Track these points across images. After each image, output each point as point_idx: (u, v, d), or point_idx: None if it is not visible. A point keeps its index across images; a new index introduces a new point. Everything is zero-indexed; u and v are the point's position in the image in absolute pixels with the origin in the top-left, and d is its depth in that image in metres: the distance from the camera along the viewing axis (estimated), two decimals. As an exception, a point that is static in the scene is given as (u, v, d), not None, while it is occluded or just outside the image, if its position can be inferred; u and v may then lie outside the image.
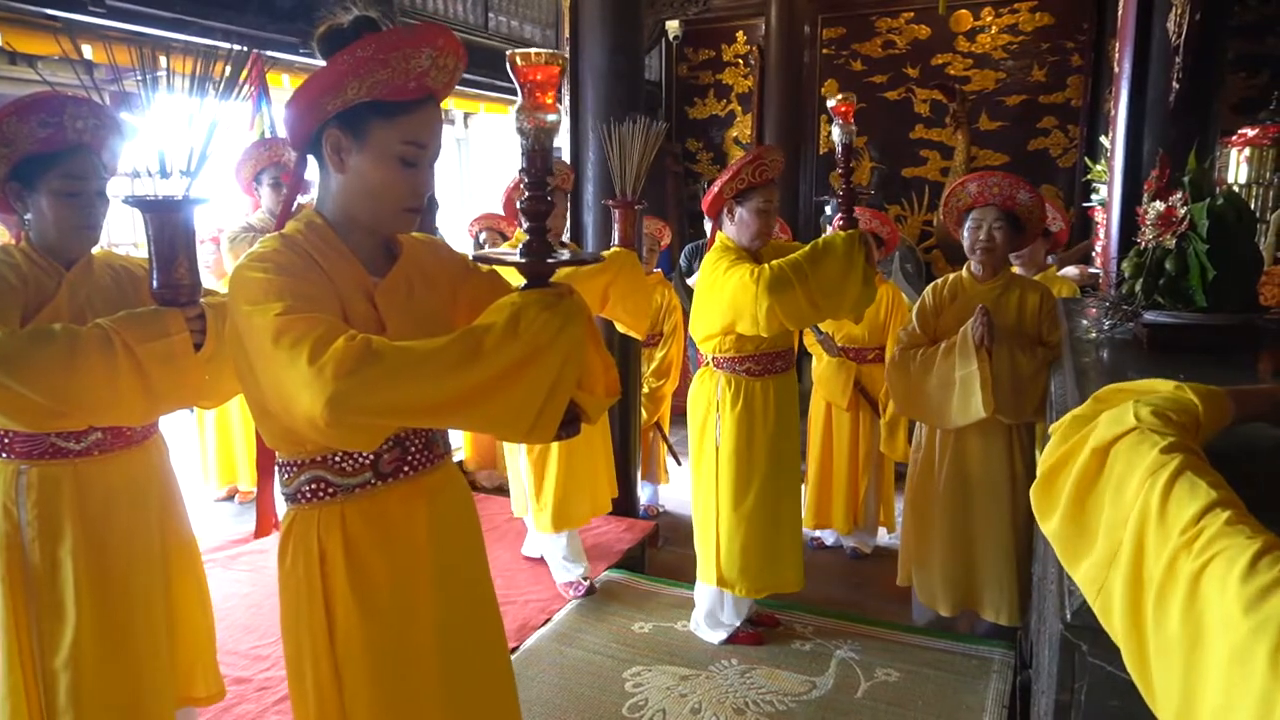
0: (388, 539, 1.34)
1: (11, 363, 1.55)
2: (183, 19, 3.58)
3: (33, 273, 1.74)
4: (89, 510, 1.77)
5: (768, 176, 2.62)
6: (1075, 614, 1.06)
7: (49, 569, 1.75)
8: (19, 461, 1.74)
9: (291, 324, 1.12)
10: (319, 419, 1.09)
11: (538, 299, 1.19)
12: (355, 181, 1.27)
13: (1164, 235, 1.72)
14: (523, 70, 1.19)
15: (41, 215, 1.74)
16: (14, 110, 1.67)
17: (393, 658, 1.34)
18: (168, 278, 1.73)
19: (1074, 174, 5.94)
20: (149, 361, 1.65)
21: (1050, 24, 6.07)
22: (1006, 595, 2.77)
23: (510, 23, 5.45)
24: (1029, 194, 2.70)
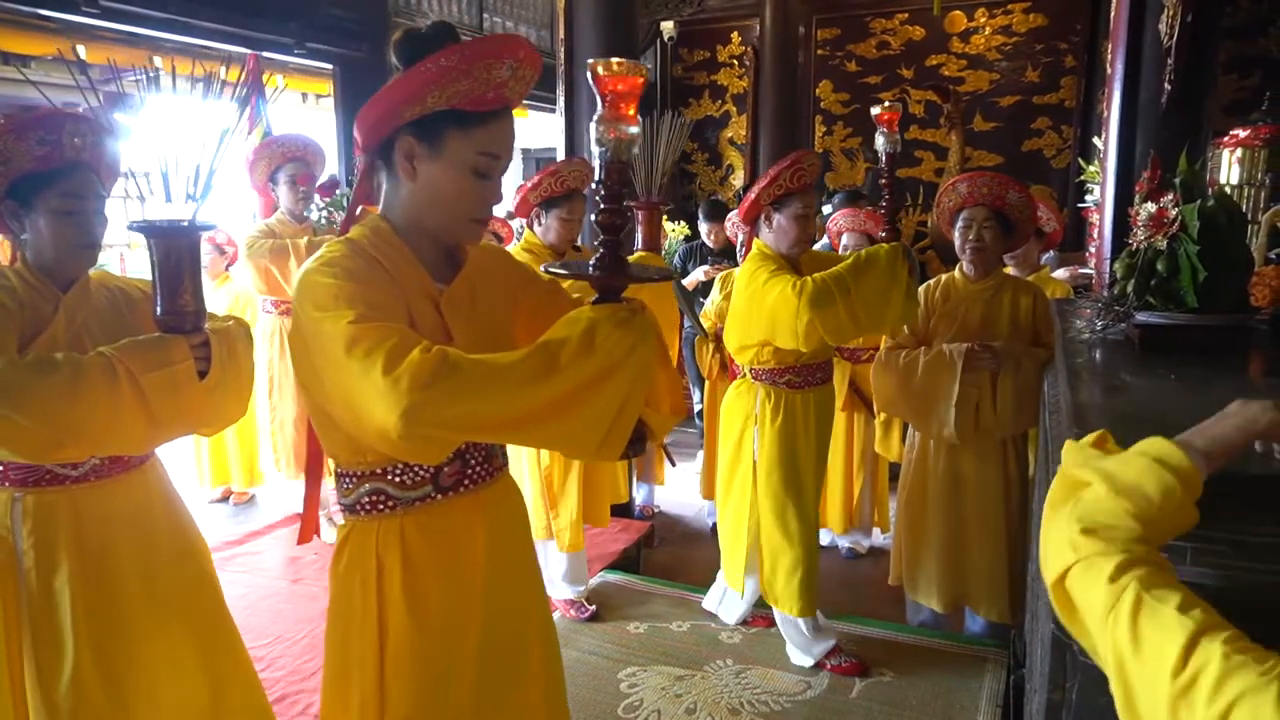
0: (446, 554, 1.33)
1: (12, 393, 1.51)
2: (176, 19, 3.58)
3: (29, 296, 1.69)
4: (86, 537, 1.72)
5: (806, 181, 2.55)
6: (1067, 613, 1.07)
7: (46, 598, 1.70)
8: (14, 489, 1.69)
9: (365, 332, 1.09)
10: (393, 431, 1.07)
11: (611, 315, 1.17)
12: (426, 190, 1.25)
13: (1155, 236, 1.73)
14: (604, 80, 1.16)
15: (39, 234, 1.69)
16: (11, 128, 1.62)
17: (436, 676, 1.32)
18: (172, 304, 1.68)
19: (1068, 175, 5.97)
20: (152, 390, 1.61)
21: (1044, 25, 6.09)
22: (999, 593, 2.78)
23: (505, 24, 5.46)
24: (1019, 193, 2.71)
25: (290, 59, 4.35)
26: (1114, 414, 1.36)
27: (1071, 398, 1.44)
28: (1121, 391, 1.53)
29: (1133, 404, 1.44)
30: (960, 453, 2.79)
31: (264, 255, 3.48)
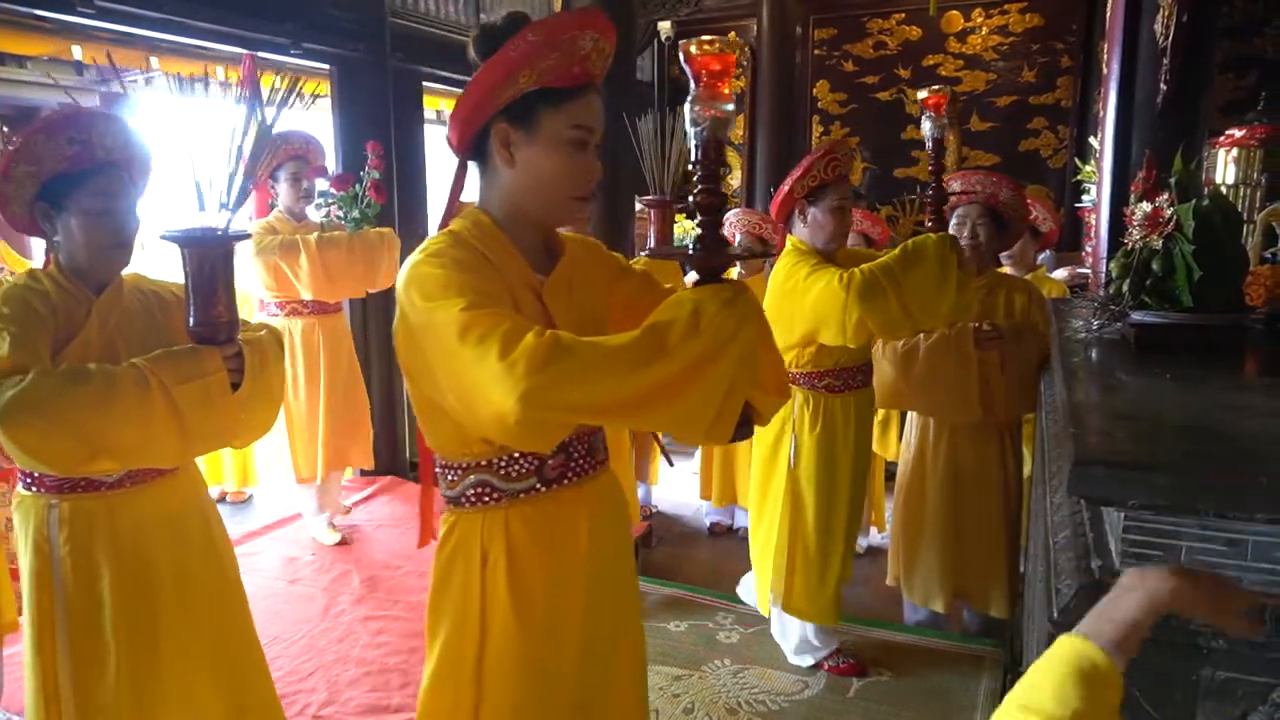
0: (549, 547, 1.33)
1: (44, 406, 1.50)
2: (172, 19, 3.56)
3: (62, 301, 1.67)
4: (122, 543, 1.71)
5: (841, 172, 2.47)
6: (1063, 611, 1.07)
7: (86, 606, 1.69)
8: (49, 495, 1.69)
9: (478, 319, 1.10)
10: (510, 416, 1.07)
11: (715, 295, 1.16)
12: (526, 173, 1.27)
13: (1150, 236, 1.73)
14: (699, 59, 1.16)
15: (71, 236, 1.68)
16: (42, 128, 1.61)
17: (539, 672, 1.32)
18: (205, 315, 1.66)
19: (1064, 174, 5.97)
20: (185, 403, 1.59)
21: (1040, 25, 6.10)
22: (999, 588, 2.78)
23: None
24: (1011, 191, 2.72)
25: (287, 59, 4.33)
26: (1110, 413, 1.36)
27: (1068, 397, 1.44)
28: (1117, 391, 1.54)
29: (1128, 403, 1.44)
30: (960, 449, 2.79)
31: (273, 252, 3.42)
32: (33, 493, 1.71)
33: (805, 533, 2.63)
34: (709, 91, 1.16)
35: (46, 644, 1.69)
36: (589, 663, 1.37)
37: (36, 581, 1.69)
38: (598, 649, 1.39)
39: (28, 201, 1.68)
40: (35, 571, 1.69)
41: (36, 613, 1.69)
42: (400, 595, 3.35)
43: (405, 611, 3.21)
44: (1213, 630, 0.99)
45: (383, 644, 2.96)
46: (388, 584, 3.44)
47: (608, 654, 1.42)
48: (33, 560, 1.69)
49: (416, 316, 1.17)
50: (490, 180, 1.31)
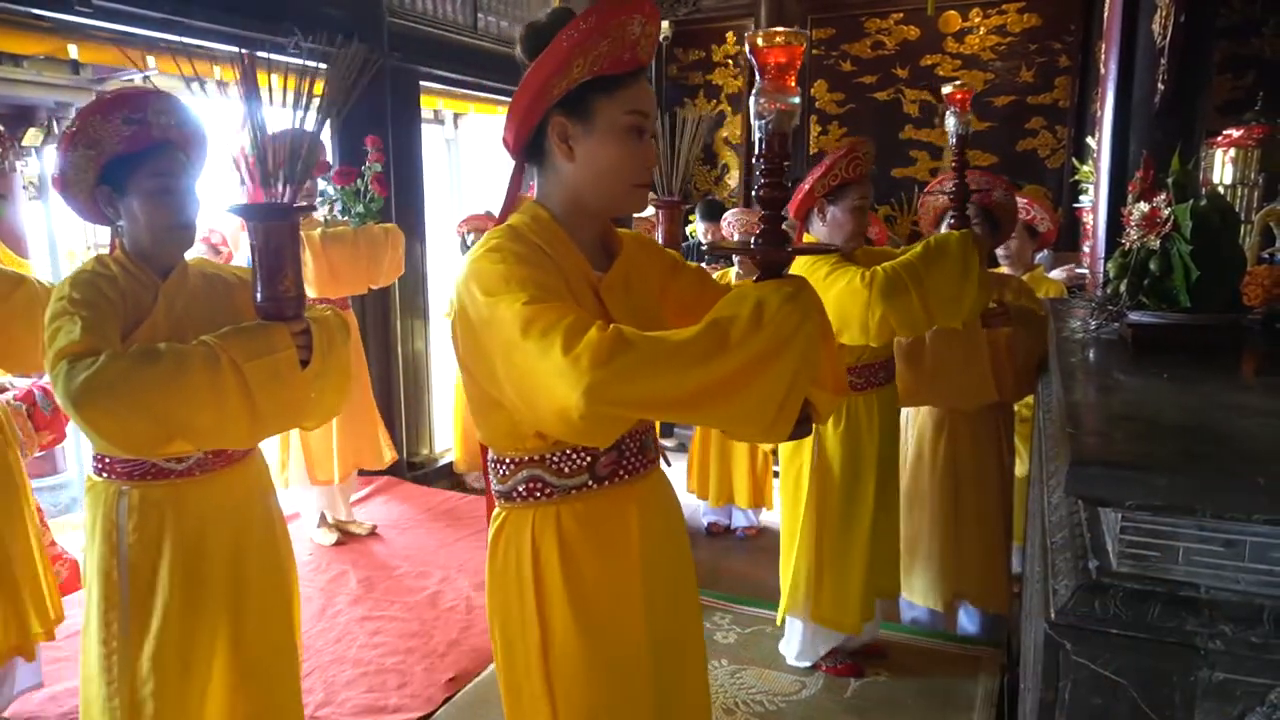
0: (601, 543, 1.32)
1: (117, 386, 1.49)
2: (170, 19, 3.56)
3: (129, 285, 1.67)
4: (185, 531, 1.72)
5: (862, 171, 2.45)
6: (1060, 612, 1.07)
7: (151, 595, 1.70)
8: (120, 481, 1.69)
9: (540, 313, 1.09)
10: (573, 410, 1.06)
11: (777, 290, 1.15)
12: (586, 166, 1.26)
13: (1148, 236, 1.73)
14: (765, 52, 1.15)
15: (134, 218, 1.68)
16: (97, 109, 1.61)
17: (609, 675, 1.31)
18: (273, 290, 1.64)
19: (1062, 174, 5.97)
20: (255, 379, 1.58)
21: (1038, 25, 6.10)
22: (997, 585, 2.78)
23: (500, 23, 5.44)
24: (1004, 191, 2.73)
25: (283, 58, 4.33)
26: (1108, 413, 1.36)
27: (1065, 397, 1.44)
28: (1115, 391, 1.53)
29: (1126, 403, 1.44)
30: (958, 448, 2.79)
31: None
32: (103, 478, 1.72)
33: (830, 537, 2.56)
34: (775, 84, 1.15)
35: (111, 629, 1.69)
36: (662, 663, 1.36)
37: (102, 566, 1.69)
38: (668, 650, 1.38)
39: (89, 186, 1.68)
40: (101, 556, 1.69)
41: (102, 599, 1.69)
42: (398, 596, 3.34)
43: (402, 612, 3.21)
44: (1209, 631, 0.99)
45: (380, 645, 2.95)
46: (385, 584, 3.44)
47: (678, 655, 1.42)
48: (101, 546, 1.69)
49: (477, 311, 1.17)
50: (549, 176, 1.30)
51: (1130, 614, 1.02)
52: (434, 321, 5.00)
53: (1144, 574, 1.05)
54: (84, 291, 1.60)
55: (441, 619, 3.16)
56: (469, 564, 3.63)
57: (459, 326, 1.24)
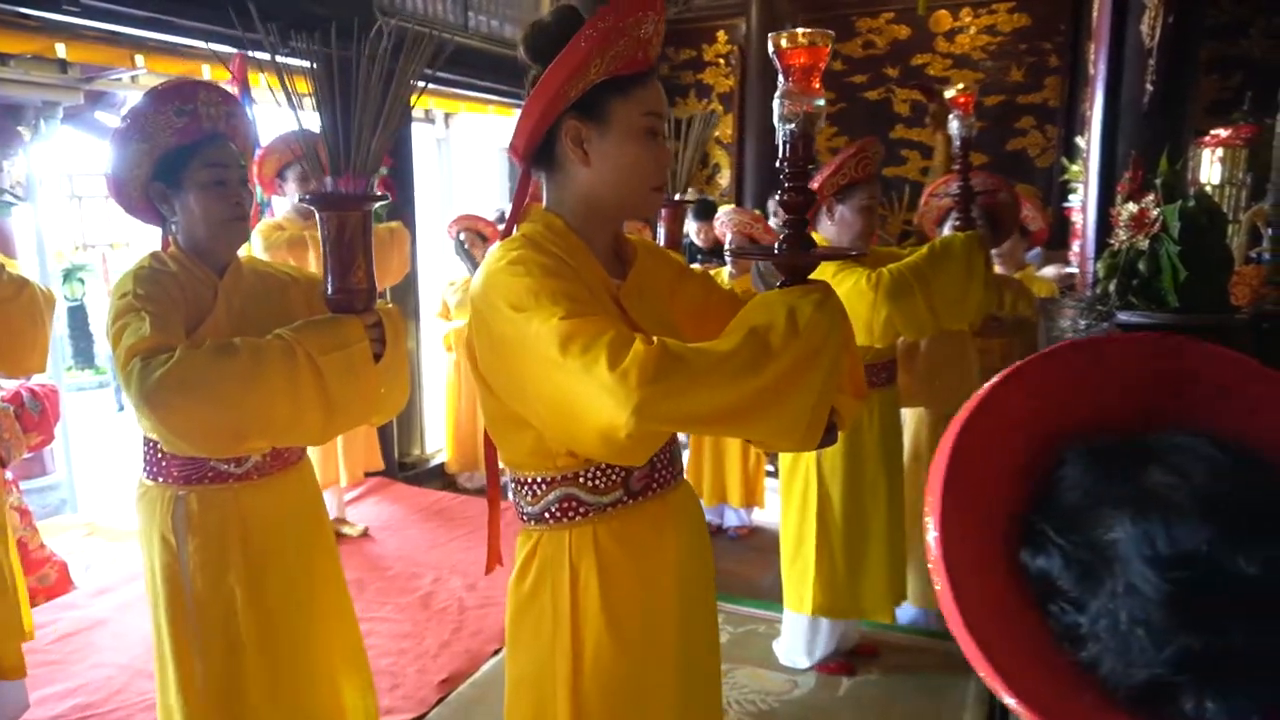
0: (640, 560, 1.28)
1: (194, 382, 1.45)
2: (158, 18, 3.54)
3: (189, 281, 1.64)
4: (253, 536, 1.68)
5: (871, 170, 2.44)
6: (1049, 613, 1.07)
7: (217, 600, 1.66)
8: (176, 487, 1.65)
9: (579, 328, 1.04)
10: (621, 429, 1.01)
11: (805, 295, 1.12)
12: (602, 169, 1.21)
13: (1137, 236, 1.74)
14: (789, 53, 1.13)
15: (189, 213, 1.64)
16: (148, 102, 1.59)
17: (634, 695, 1.28)
18: (344, 282, 1.60)
19: (1051, 174, 6.00)
20: (330, 373, 1.54)
21: (1028, 25, 6.12)
22: None
23: (490, 22, 5.43)
24: (1007, 193, 2.74)
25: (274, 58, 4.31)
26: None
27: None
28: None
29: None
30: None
31: (281, 247, 3.41)
32: (158, 483, 1.68)
33: (833, 535, 2.56)
34: (800, 86, 1.13)
35: (181, 638, 1.66)
36: (690, 681, 1.33)
37: (165, 575, 1.65)
38: (695, 666, 1.35)
39: (144, 183, 1.65)
40: (164, 564, 1.65)
41: (170, 608, 1.66)
42: (389, 597, 3.34)
43: (394, 613, 3.20)
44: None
45: (372, 646, 2.93)
46: (376, 585, 3.43)
47: (704, 670, 1.39)
48: (160, 554, 1.65)
49: (505, 327, 1.12)
50: (560, 182, 1.26)
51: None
52: (425, 321, 4.99)
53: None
54: (148, 287, 1.56)
55: (434, 620, 3.15)
56: (461, 564, 3.62)
57: (479, 342, 1.20)
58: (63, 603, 3.26)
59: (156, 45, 4.07)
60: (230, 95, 1.71)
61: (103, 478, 5.13)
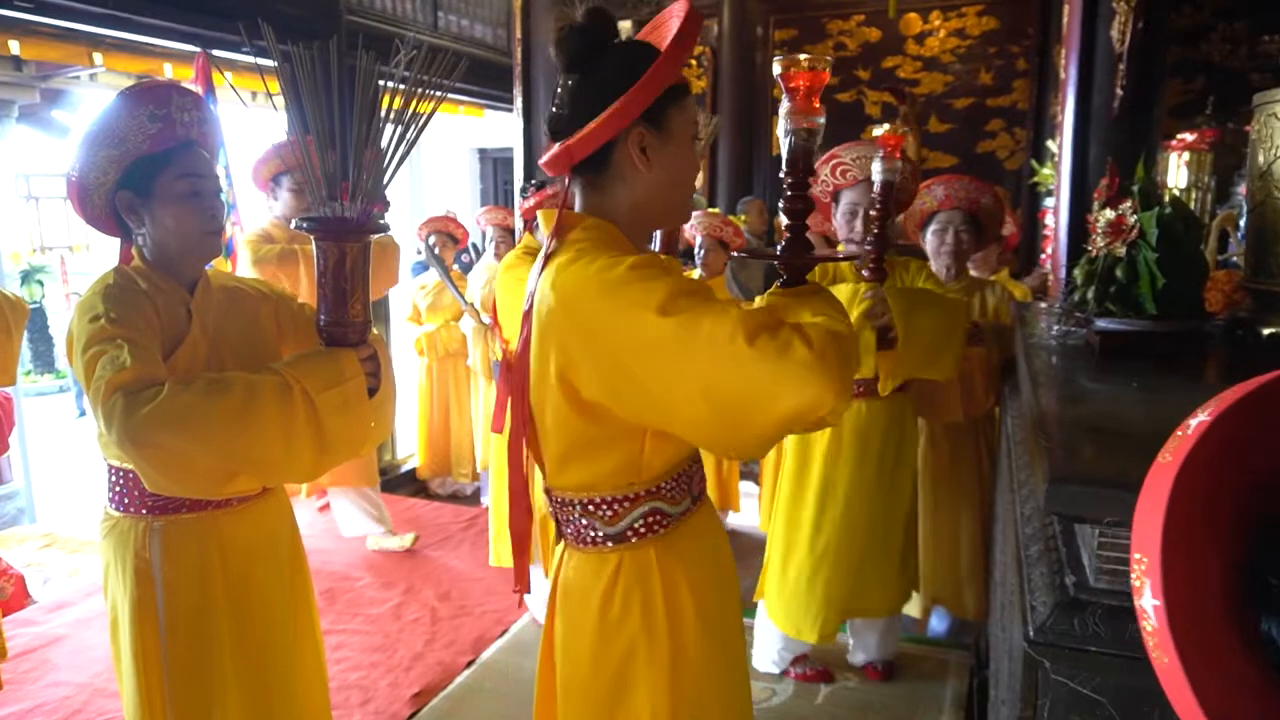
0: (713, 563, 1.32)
1: (186, 421, 1.35)
2: (116, 14, 3.44)
3: (162, 301, 1.53)
4: (231, 566, 1.61)
5: (855, 179, 2.42)
6: (1038, 630, 1.06)
7: (193, 632, 1.58)
8: (151, 517, 1.56)
9: (756, 318, 1.05)
10: (825, 406, 1.03)
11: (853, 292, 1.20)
12: (664, 175, 1.21)
13: (1114, 243, 1.74)
14: (792, 76, 1.20)
15: (160, 225, 1.54)
16: (121, 105, 1.48)
17: (730, 692, 1.33)
18: (340, 315, 1.51)
19: (1020, 176, 6.05)
20: (326, 411, 1.46)
21: (996, 28, 6.17)
22: (973, 590, 2.79)
23: (460, 22, 5.37)
24: (992, 198, 2.73)
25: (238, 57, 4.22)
26: (1080, 425, 1.36)
27: (1036, 406, 1.44)
28: (1085, 400, 1.54)
29: (1098, 414, 1.44)
30: (938, 455, 2.80)
31: (271, 261, 3.27)
32: (130, 514, 1.58)
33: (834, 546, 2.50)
34: (802, 106, 1.22)
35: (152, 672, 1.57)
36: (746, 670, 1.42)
37: (137, 609, 1.56)
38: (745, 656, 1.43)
39: (109, 191, 1.54)
40: (136, 599, 1.56)
41: (138, 642, 1.57)
42: (360, 608, 3.27)
43: (365, 625, 3.14)
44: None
45: (342, 659, 2.88)
46: (347, 597, 3.36)
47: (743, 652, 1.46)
48: (133, 587, 1.56)
49: (654, 332, 1.06)
50: (611, 189, 1.22)
51: (1109, 631, 1.01)
52: (395, 325, 4.92)
53: (1123, 590, 1.04)
54: (120, 310, 1.45)
55: (406, 631, 3.09)
56: (433, 574, 3.56)
57: (586, 362, 1.13)
58: (19, 618, 3.16)
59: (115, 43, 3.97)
60: (202, 100, 1.62)
61: (62, 486, 4.99)
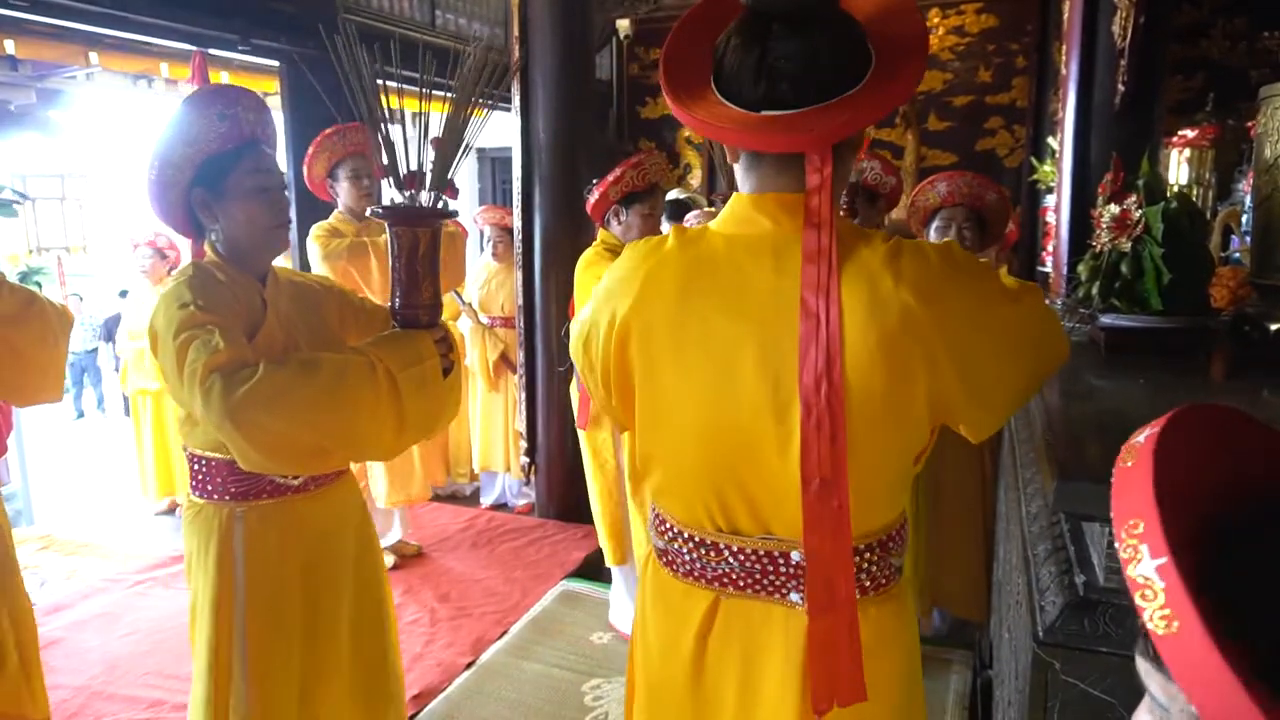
0: None
1: (280, 399, 1.42)
2: (112, 13, 3.42)
3: (239, 292, 1.60)
4: (308, 549, 1.67)
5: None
6: (1048, 631, 1.04)
7: (270, 618, 1.63)
8: (234, 504, 1.62)
9: (1028, 285, 1.06)
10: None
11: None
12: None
13: (1119, 238, 1.72)
14: None
15: (232, 220, 1.60)
16: (195, 107, 1.56)
17: None
18: (414, 298, 1.61)
19: (1020, 174, 6.04)
20: (406, 389, 1.54)
21: (995, 25, 6.16)
22: (978, 592, 2.77)
23: (458, 20, 5.35)
24: (996, 194, 2.71)
25: (235, 55, 4.20)
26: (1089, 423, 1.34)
27: (1043, 403, 1.42)
28: (1093, 397, 1.52)
29: (1105, 411, 1.42)
30: (942, 457, 2.78)
31: (341, 256, 3.22)
32: (213, 501, 1.63)
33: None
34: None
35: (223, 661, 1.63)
36: None
37: (218, 596, 1.62)
38: None
39: (184, 189, 1.60)
40: (217, 586, 1.62)
41: (214, 630, 1.62)
42: (359, 609, 3.25)
43: (364, 626, 3.12)
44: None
45: (341, 661, 2.86)
46: (345, 597, 3.35)
47: None
48: (215, 574, 1.62)
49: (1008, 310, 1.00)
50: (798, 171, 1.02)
51: (1121, 631, 1.00)
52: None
53: (1133, 590, 1.02)
54: (207, 298, 1.52)
55: (404, 633, 3.07)
56: (432, 575, 3.54)
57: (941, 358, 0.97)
58: None
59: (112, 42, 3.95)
60: (263, 102, 1.69)
61: (60, 487, 4.97)
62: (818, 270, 0.96)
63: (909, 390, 0.98)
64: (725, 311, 1.02)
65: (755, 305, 1.01)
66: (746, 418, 1.01)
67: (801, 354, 0.96)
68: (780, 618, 1.07)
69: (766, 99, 0.98)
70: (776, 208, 1.03)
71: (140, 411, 4.47)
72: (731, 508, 1.07)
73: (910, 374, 0.97)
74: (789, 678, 1.06)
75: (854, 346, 0.96)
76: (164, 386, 4.29)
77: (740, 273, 1.03)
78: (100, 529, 4.26)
